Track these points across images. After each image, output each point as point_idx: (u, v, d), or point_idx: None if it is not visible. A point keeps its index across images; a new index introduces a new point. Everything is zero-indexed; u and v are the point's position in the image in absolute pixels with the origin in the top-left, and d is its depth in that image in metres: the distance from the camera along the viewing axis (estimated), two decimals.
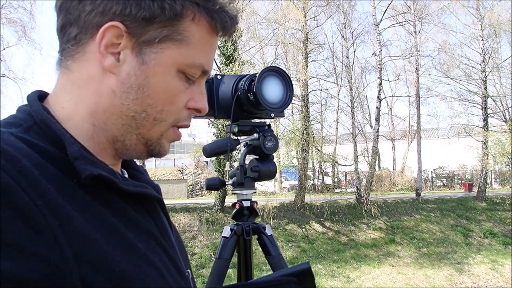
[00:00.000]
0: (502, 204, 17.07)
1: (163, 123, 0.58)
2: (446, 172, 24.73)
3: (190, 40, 0.56)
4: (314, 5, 16.17)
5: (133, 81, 0.55)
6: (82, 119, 0.56)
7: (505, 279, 12.11)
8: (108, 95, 0.55)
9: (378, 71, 16.97)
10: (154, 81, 0.55)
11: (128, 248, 0.50)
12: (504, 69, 19.18)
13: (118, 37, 0.54)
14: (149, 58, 0.55)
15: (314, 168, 20.56)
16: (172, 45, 0.55)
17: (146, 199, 0.60)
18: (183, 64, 0.57)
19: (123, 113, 0.56)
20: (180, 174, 22.12)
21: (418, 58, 19.37)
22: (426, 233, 14.70)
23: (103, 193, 0.52)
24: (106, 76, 0.55)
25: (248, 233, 1.47)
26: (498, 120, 19.15)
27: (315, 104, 18.55)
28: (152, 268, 0.52)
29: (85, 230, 0.47)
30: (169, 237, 0.62)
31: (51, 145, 0.51)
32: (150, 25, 0.54)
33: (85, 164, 0.50)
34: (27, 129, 0.51)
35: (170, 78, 0.57)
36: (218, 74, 1.45)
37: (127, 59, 0.55)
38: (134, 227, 0.54)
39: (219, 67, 13.67)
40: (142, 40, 0.54)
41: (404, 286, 11.44)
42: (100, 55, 0.54)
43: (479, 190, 17.71)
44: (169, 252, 0.58)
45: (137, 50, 0.55)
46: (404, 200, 16.96)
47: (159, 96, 0.56)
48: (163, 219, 0.62)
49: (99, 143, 0.57)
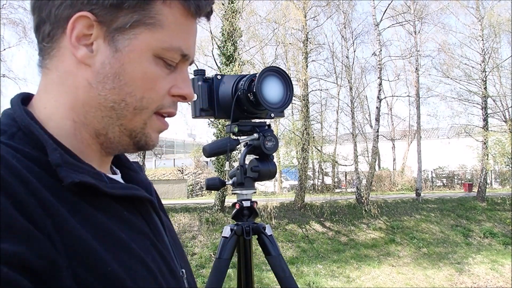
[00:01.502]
0: (502, 204, 17.07)
1: (145, 111, 0.56)
2: (446, 172, 24.72)
3: (163, 23, 0.54)
4: (314, 5, 16.18)
5: (108, 70, 0.54)
6: (62, 116, 0.55)
7: (505, 279, 12.11)
8: (85, 87, 0.54)
9: (378, 71, 16.96)
10: (130, 68, 0.54)
11: (121, 249, 0.50)
12: (504, 69, 19.20)
13: (88, 27, 0.53)
14: (123, 45, 0.53)
15: (314, 168, 20.56)
16: (145, 29, 0.54)
17: (138, 201, 0.59)
18: (159, 48, 0.55)
19: (102, 104, 0.54)
20: (180, 174, 22.11)
21: (418, 58, 19.38)
22: (426, 233, 14.70)
23: (93, 195, 0.52)
24: (80, 69, 0.54)
25: (248, 233, 1.47)
26: (498, 120, 19.16)
27: (315, 104, 18.56)
28: (144, 269, 0.52)
29: (77, 230, 0.47)
30: (162, 237, 0.62)
31: (36, 150, 0.50)
32: (120, 11, 0.52)
33: (67, 171, 0.49)
34: (12, 136, 0.51)
35: (147, 63, 0.55)
36: (218, 74, 1.45)
37: (100, 49, 0.53)
38: (127, 228, 0.54)
39: (219, 67, 13.68)
40: (114, 28, 0.53)
41: (404, 286, 11.43)
42: (72, 47, 0.53)
43: (479, 190, 17.70)
44: (162, 252, 0.58)
45: (110, 38, 0.53)
46: (404, 200, 16.96)
47: (137, 83, 0.55)
48: (155, 219, 0.62)
49: (82, 140, 0.56)
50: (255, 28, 14.89)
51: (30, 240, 0.41)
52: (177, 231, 12.14)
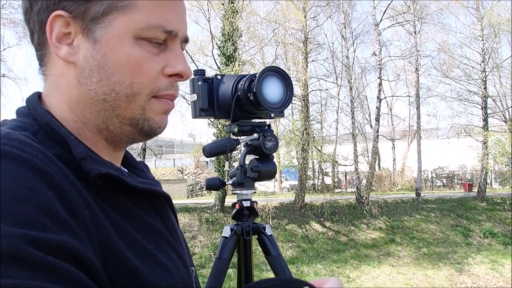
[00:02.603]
0: (502, 204, 17.07)
1: (138, 97, 0.55)
2: (446, 172, 24.72)
3: (136, 3, 0.53)
4: (314, 5, 16.18)
5: (91, 63, 0.53)
6: (65, 118, 0.55)
7: (505, 279, 12.11)
8: (75, 85, 0.54)
9: (378, 71, 16.97)
10: (112, 57, 0.53)
11: (137, 248, 0.51)
12: (504, 69, 19.21)
13: (66, 25, 0.53)
14: (100, 35, 0.52)
15: (314, 168, 20.56)
16: (119, 13, 0.52)
17: (154, 197, 0.59)
18: (138, 29, 0.53)
19: (94, 98, 0.54)
20: (180, 174, 22.11)
21: (418, 58, 19.38)
22: (426, 233, 14.70)
23: (110, 194, 0.52)
24: (69, 68, 0.54)
25: (248, 233, 1.47)
26: (498, 120, 19.17)
27: (315, 104, 18.57)
28: (161, 268, 0.52)
29: (105, 224, 0.47)
30: (177, 234, 0.62)
31: (58, 147, 0.50)
32: (90, 1, 0.52)
33: (92, 164, 0.50)
34: (34, 133, 0.51)
35: (128, 48, 0.53)
36: (218, 74, 1.45)
37: (81, 44, 0.53)
38: (142, 227, 0.54)
39: (219, 67, 13.67)
40: (88, 20, 0.52)
41: (404, 286, 11.43)
42: (55, 48, 0.53)
43: (479, 190, 17.70)
44: (177, 250, 0.58)
45: (87, 31, 0.53)
46: (404, 200, 16.96)
47: (123, 70, 0.53)
48: (171, 216, 0.62)
49: (87, 139, 0.56)
50: (255, 28, 14.90)
51: (72, 230, 0.42)
52: None
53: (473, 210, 16.46)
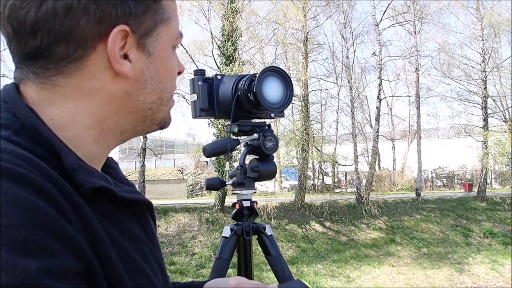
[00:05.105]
0: (502, 204, 17.08)
1: (171, 99, 0.61)
2: (446, 172, 24.72)
3: (171, 14, 0.57)
4: (314, 5, 16.19)
5: (147, 75, 0.55)
6: (85, 127, 0.53)
7: (505, 279, 12.11)
8: (121, 97, 0.54)
9: (378, 71, 16.97)
10: (162, 68, 0.57)
11: (126, 259, 0.50)
12: (504, 69, 19.23)
13: (122, 39, 0.52)
14: (153, 48, 0.55)
15: (314, 168, 20.56)
16: (163, 26, 0.56)
17: (137, 205, 0.59)
18: (174, 39, 0.58)
19: (139, 108, 0.56)
20: (180, 174, 22.11)
21: (418, 58, 19.39)
22: (426, 233, 14.71)
23: (101, 204, 0.51)
24: (116, 81, 0.53)
25: (248, 233, 1.47)
26: (498, 120, 19.19)
27: (315, 104, 18.59)
28: (144, 278, 0.52)
29: (103, 236, 0.47)
30: (157, 241, 0.62)
31: (43, 150, 0.48)
32: (146, 15, 0.53)
33: (85, 176, 0.49)
34: (16, 132, 0.48)
35: (170, 57, 0.58)
36: (218, 74, 1.45)
37: (136, 57, 0.54)
38: (128, 237, 0.53)
39: (219, 67, 13.68)
40: (142, 33, 0.54)
41: (404, 286, 11.44)
42: (116, 62, 0.52)
43: (479, 190, 17.71)
44: (157, 257, 0.58)
45: (141, 45, 0.54)
46: (404, 200, 16.96)
47: (167, 78, 0.58)
48: (151, 223, 0.62)
49: (105, 144, 0.56)
50: (255, 28, 14.92)
51: (78, 247, 0.42)
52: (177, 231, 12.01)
53: (473, 210, 16.46)
